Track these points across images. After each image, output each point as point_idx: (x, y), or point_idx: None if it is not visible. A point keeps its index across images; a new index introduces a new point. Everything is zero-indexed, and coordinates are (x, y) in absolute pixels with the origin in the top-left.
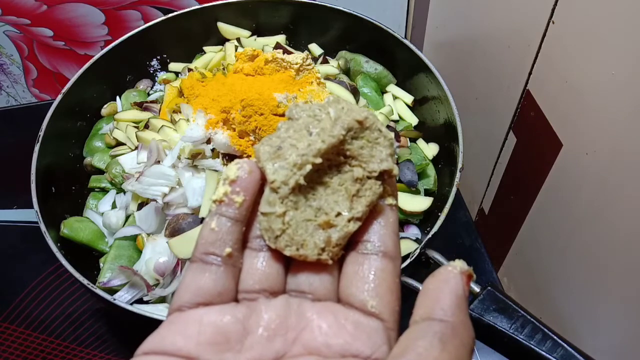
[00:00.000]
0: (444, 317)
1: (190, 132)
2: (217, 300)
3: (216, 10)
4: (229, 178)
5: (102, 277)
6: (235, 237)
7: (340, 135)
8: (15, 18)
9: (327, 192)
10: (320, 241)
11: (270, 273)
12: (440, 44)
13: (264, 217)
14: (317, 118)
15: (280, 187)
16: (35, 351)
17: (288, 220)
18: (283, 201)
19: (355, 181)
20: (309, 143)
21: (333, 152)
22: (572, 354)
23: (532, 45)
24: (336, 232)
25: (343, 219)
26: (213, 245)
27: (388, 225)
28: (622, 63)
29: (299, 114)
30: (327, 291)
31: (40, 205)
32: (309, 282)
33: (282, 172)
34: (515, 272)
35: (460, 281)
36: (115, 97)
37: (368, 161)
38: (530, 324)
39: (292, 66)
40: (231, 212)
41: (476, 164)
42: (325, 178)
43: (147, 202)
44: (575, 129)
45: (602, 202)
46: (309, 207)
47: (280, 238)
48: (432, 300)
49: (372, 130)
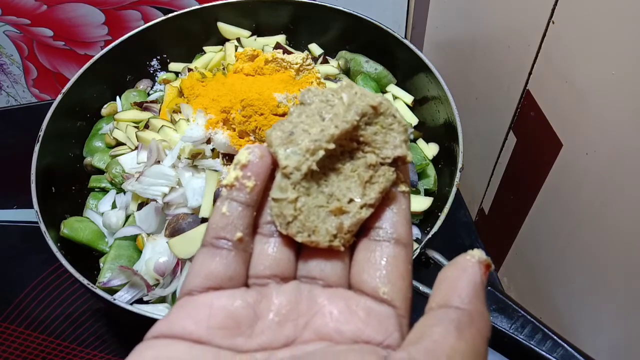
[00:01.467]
0: (460, 305)
1: (190, 132)
2: (227, 284)
3: (216, 10)
4: (240, 162)
5: (102, 277)
6: (247, 221)
7: (354, 120)
8: (15, 18)
9: (339, 178)
10: (332, 227)
11: (281, 259)
12: (440, 44)
13: (276, 203)
14: (330, 103)
15: (293, 172)
16: (35, 351)
17: (300, 207)
18: (295, 187)
19: (369, 167)
20: (322, 128)
21: (346, 137)
22: (572, 354)
23: (532, 45)
24: (348, 219)
25: (355, 205)
26: (224, 229)
27: (400, 212)
28: (622, 63)
29: (311, 98)
30: (338, 277)
31: (40, 205)
32: (320, 268)
33: (295, 157)
34: (515, 272)
35: (479, 270)
36: (115, 97)
37: (382, 147)
38: (530, 324)
39: (292, 66)
40: (242, 196)
41: (476, 164)
42: (337, 164)
43: (147, 202)
44: (575, 129)
45: (602, 202)
46: (321, 193)
47: (292, 224)
48: (450, 288)
49: (387, 116)
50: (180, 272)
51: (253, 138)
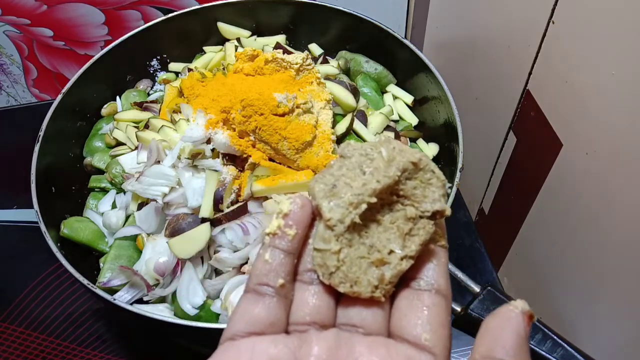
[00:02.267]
0: (505, 357)
1: (190, 132)
2: (269, 330)
3: (216, 10)
4: (282, 212)
5: (102, 277)
6: (288, 269)
7: (395, 176)
8: (15, 18)
9: (380, 229)
10: (374, 279)
11: (321, 306)
12: (441, 44)
13: (319, 253)
14: (370, 157)
15: (337, 225)
16: (35, 351)
17: (342, 257)
18: (338, 239)
19: (408, 220)
20: (364, 182)
21: (387, 191)
22: (572, 354)
23: (532, 46)
24: (389, 270)
25: (396, 256)
26: (267, 276)
27: (440, 265)
28: (622, 63)
29: (351, 152)
30: (379, 326)
31: (40, 205)
32: (360, 317)
33: (339, 210)
34: (515, 272)
35: (522, 321)
36: (115, 97)
37: (421, 201)
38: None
39: (292, 66)
40: (284, 244)
41: (476, 164)
42: (377, 216)
43: (147, 202)
44: (575, 129)
45: (602, 202)
46: (362, 245)
47: (334, 274)
48: (494, 339)
49: (426, 171)
50: (180, 272)
51: (253, 138)
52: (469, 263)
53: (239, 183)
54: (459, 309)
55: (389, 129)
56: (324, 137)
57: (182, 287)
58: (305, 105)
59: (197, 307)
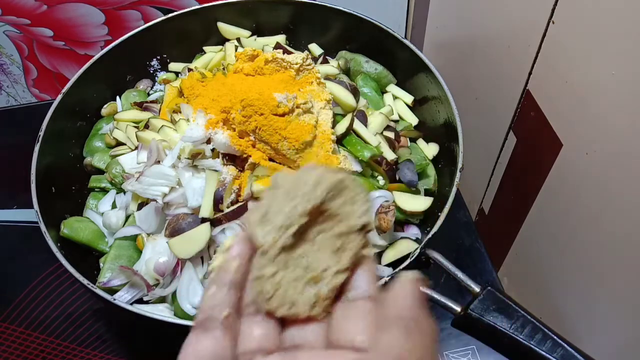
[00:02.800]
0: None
1: (190, 132)
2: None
3: (216, 10)
4: (226, 246)
5: (102, 277)
6: (233, 300)
7: (322, 195)
8: (15, 18)
9: (314, 249)
10: (311, 296)
11: (267, 334)
12: (441, 44)
13: (257, 281)
14: (298, 184)
15: (269, 249)
16: (35, 351)
17: (279, 280)
18: (273, 260)
19: (339, 236)
20: (294, 206)
21: (316, 212)
22: (572, 354)
23: (532, 46)
24: (325, 286)
25: (330, 272)
26: (212, 309)
27: (369, 271)
28: (622, 63)
29: (281, 182)
30: (321, 340)
31: (40, 205)
32: (302, 336)
33: (270, 234)
34: (515, 272)
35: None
36: (115, 97)
37: (349, 217)
38: (530, 324)
39: (292, 66)
40: (228, 277)
41: (476, 164)
42: (310, 236)
43: (147, 202)
44: (575, 129)
45: (601, 202)
46: (298, 267)
47: (272, 299)
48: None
49: (350, 189)
50: (180, 272)
51: (253, 138)
52: (469, 263)
53: (239, 183)
54: (459, 309)
55: (388, 129)
56: (324, 137)
57: (182, 287)
58: (305, 105)
59: (197, 307)
